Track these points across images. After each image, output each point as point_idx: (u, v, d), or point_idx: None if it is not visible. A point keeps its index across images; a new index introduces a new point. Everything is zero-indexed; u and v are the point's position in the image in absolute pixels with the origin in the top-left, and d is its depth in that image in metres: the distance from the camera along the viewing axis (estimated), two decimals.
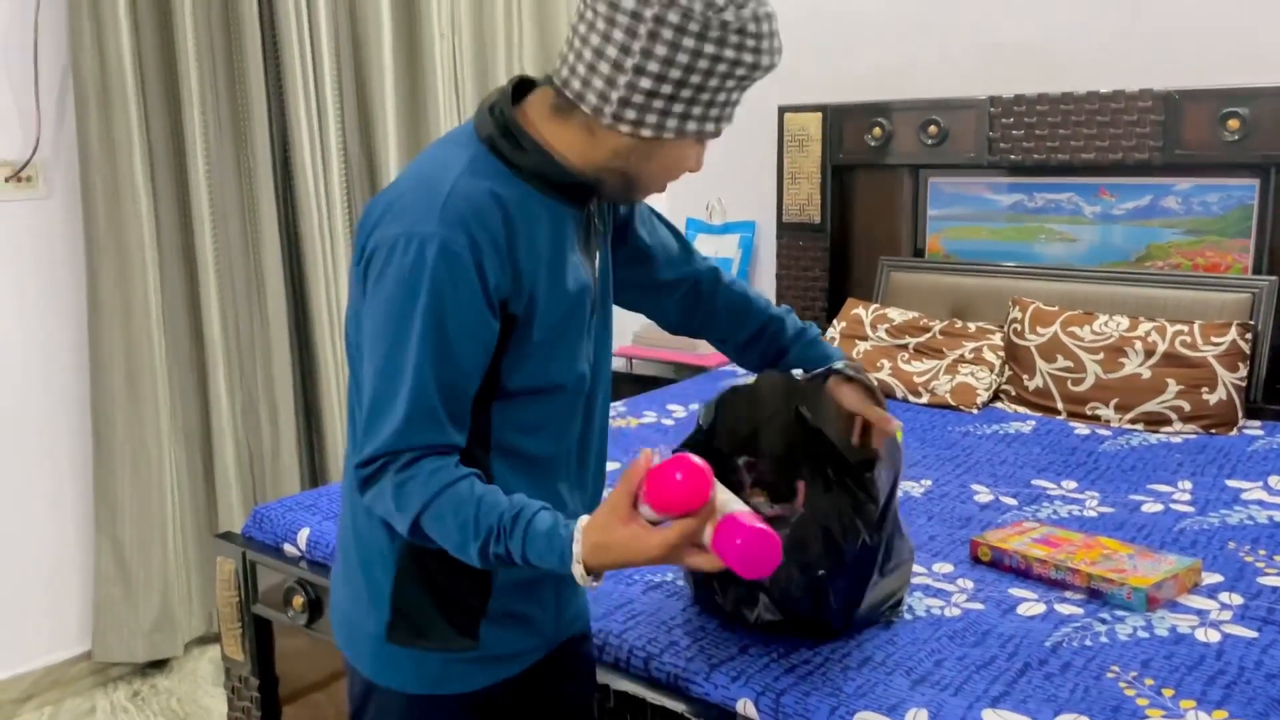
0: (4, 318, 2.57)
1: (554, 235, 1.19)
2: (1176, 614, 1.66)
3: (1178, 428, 2.67)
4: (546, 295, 1.18)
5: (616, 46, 1.09)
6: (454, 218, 1.10)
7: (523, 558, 1.10)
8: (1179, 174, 2.93)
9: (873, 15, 3.43)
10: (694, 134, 1.15)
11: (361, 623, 1.26)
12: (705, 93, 1.12)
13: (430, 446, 1.12)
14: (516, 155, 1.17)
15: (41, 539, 2.70)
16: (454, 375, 1.12)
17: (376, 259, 1.12)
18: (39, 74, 2.53)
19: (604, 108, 1.12)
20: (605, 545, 1.07)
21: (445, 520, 1.11)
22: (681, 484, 1.04)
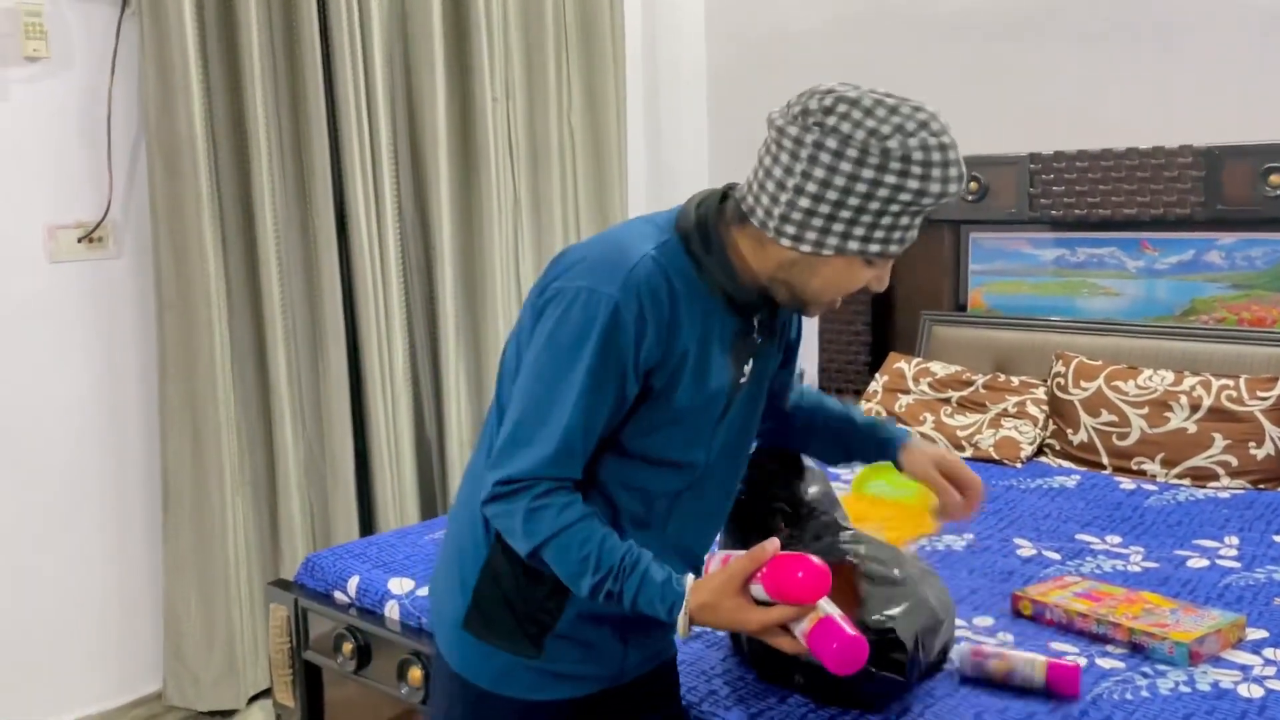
0: (75, 373, 2.69)
1: (706, 334, 1.28)
2: (1219, 669, 1.65)
3: (1225, 483, 2.64)
4: (688, 384, 1.27)
5: (782, 168, 1.21)
6: (633, 288, 1.21)
7: (633, 601, 1.21)
8: (1221, 229, 2.94)
9: (911, 75, 3.49)
10: (856, 253, 1.21)
11: (446, 606, 1.37)
12: (866, 215, 1.18)
13: (566, 479, 1.24)
14: (702, 254, 1.27)
15: (108, 588, 2.78)
16: (596, 422, 1.23)
17: (557, 301, 1.24)
18: (111, 139, 2.67)
19: (769, 221, 1.23)
20: (713, 607, 1.20)
21: (569, 551, 1.22)
22: (802, 581, 1.16)
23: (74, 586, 2.72)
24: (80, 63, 2.62)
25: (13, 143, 2.54)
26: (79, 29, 2.61)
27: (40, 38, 2.54)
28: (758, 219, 1.24)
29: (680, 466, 1.33)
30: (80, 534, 2.72)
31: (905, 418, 3.12)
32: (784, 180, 1.20)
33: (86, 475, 2.72)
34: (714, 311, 1.28)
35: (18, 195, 2.56)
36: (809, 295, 1.28)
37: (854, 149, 1.16)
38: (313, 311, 2.98)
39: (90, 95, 2.65)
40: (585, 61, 3.60)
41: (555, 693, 1.35)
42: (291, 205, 2.93)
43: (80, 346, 2.69)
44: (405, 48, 3.14)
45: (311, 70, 2.85)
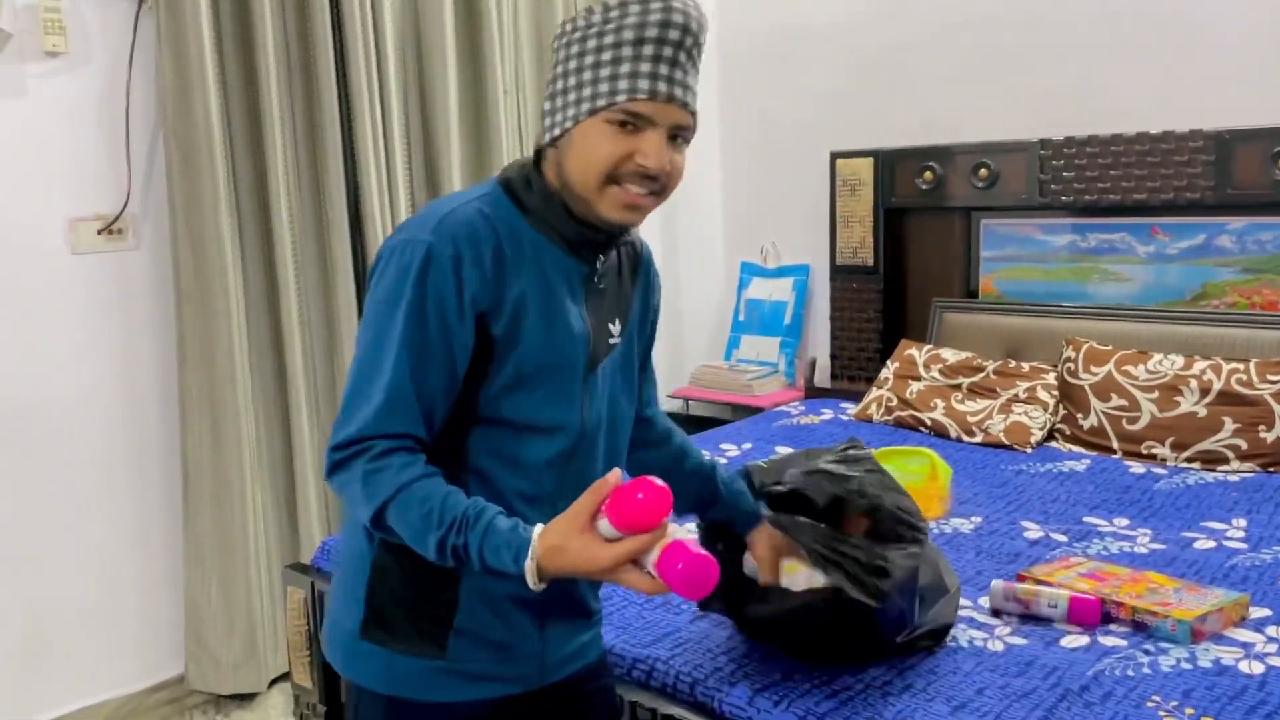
0: (95, 362, 2.74)
1: (551, 279, 1.26)
2: (1221, 646, 1.67)
3: (1235, 466, 2.65)
4: (535, 331, 1.24)
5: (548, 82, 1.27)
6: (446, 230, 1.20)
7: (479, 553, 1.14)
8: (1231, 213, 2.94)
9: (922, 62, 3.50)
10: (588, 113, 1.20)
11: (341, 619, 1.32)
12: (585, 73, 1.21)
13: (403, 435, 1.18)
14: (526, 196, 1.27)
15: (130, 574, 2.84)
16: (428, 372, 1.19)
17: (376, 266, 1.23)
18: (130, 134, 2.71)
19: (543, 136, 1.26)
20: (561, 549, 1.12)
21: (410, 510, 1.16)
22: (643, 503, 1.10)
23: (96, 573, 2.77)
24: (99, 58, 2.67)
25: (33, 137, 2.59)
26: (97, 24, 2.66)
27: (59, 33, 2.58)
28: (541, 142, 1.27)
29: (551, 431, 1.27)
30: (101, 521, 2.78)
31: (916, 404, 3.13)
32: (548, 89, 1.26)
33: (107, 463, 2.77)
34: (550, 254, 1.26)
35: (39, 188, 2.61)
36: (578, 185, 1.23)
37: (570, 23, 1.24)
38: (327, 300, 3.02)
39: (109, 89, 2.69)
40: None
41: (468, 693, 1.29)
42: (306, 196, 2.97)
43: (100, 336, 2.74)
44: (418, 40, 3.18)
45: (325, 63, 2.89)
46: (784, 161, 3.87)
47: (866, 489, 1.54)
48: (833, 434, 3.11)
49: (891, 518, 1.54)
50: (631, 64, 1.19)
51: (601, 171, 1.21)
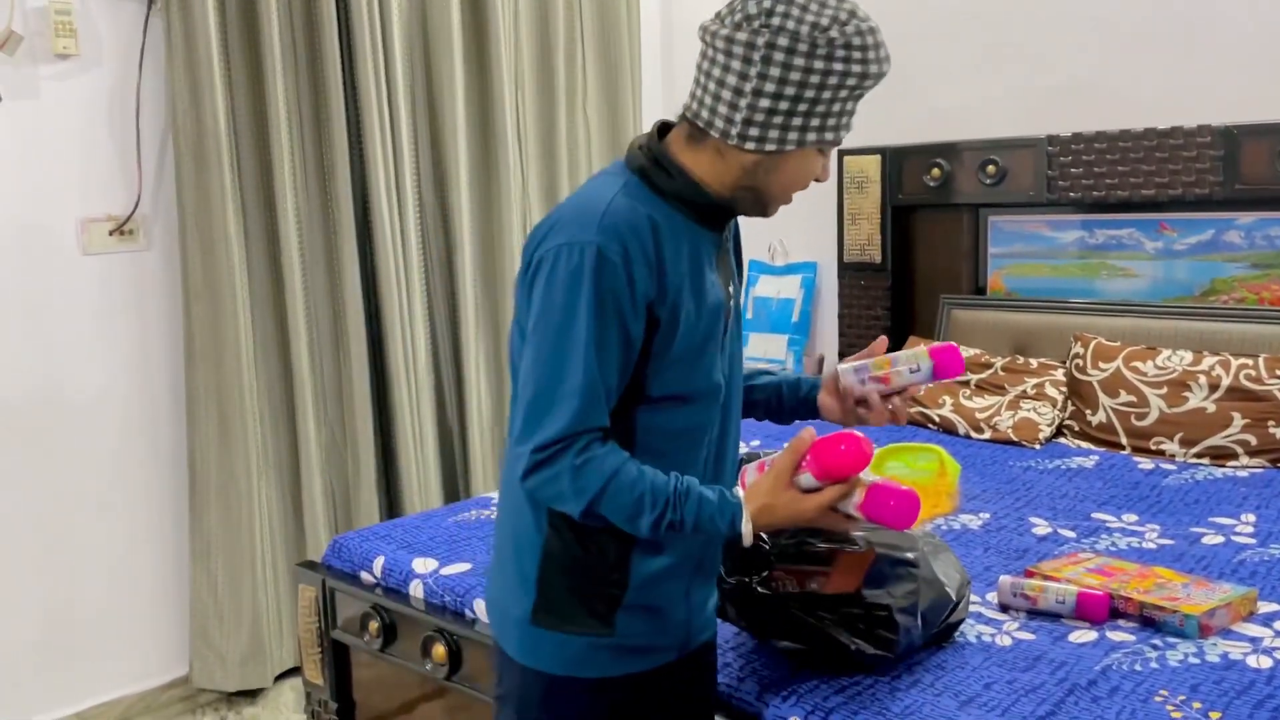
0: (108, 362, 2.76)
1: (694, 254, 1.31)
2: (1229, 641, 1.67)
3: (1244, 461, 2.65)
4: (690, 307, 1.29)
5: (735, 74, 1.24)
6: (610, 229, 1.24)
7: (695, 523, 1.25)
8: (1240, 208, 2.93)
9: (928, 58, 3.50)
10: (814, 144, 1.28)
11: (511, 607, 1.36)
12: (820, 105, 1.25)
13: (601, 429, 1.26)
14: (664, 181, 1.30)
15: (140, 572, 2.86)
16: (610, 366, 1.25)
17: (542, 268, 1.26)
18: (140, 136, 2.73)
19: (730, 130, 1.27)
20: (771, 506, 1.28)
21: (622, 494, 1.24)
22: (846, 453, 1.23)
23: (109, 570, 2.79)
24: (109, 60, 2.69)
25: (45, 138, 2.61)
26: (107, 26, 2.68)
27: (70, 36, 2.60)
28: (718, 130, 1.27)
29: (709, 395, 1.35)
30: (114, 519, 2.80)
31: (924, 401, 3.14)
32: (740, 86, 1.24)
33: (118, 461, 2.79)
34: (691, 232, 1.31)
35: (51, 190, 2.63)
36: (774, 194, 1.32)
37: (803, 44, 1.21)
38: (334, 301, 3.03)
39: (119, 91, 2.71)
40: (601, 52, 3.63)
41: (629, 667, 1.35)
42: (313, 196, 2.99)
43: (112, 336, 2.76)
44: (425, 41, 3.19)
45: (332, 64, 2.90)
46: None
47: (854, 535, 1.56)
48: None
49: (883, 560, 1.56)
50: (854, 103, 1.29)
51: (802, 188, 1.34)
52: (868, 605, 1.53)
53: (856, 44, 1.23)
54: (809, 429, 1.27)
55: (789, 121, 1.25)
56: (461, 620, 1.99)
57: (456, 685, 1.99)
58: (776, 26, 1.21)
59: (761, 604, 1.59)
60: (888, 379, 1.42)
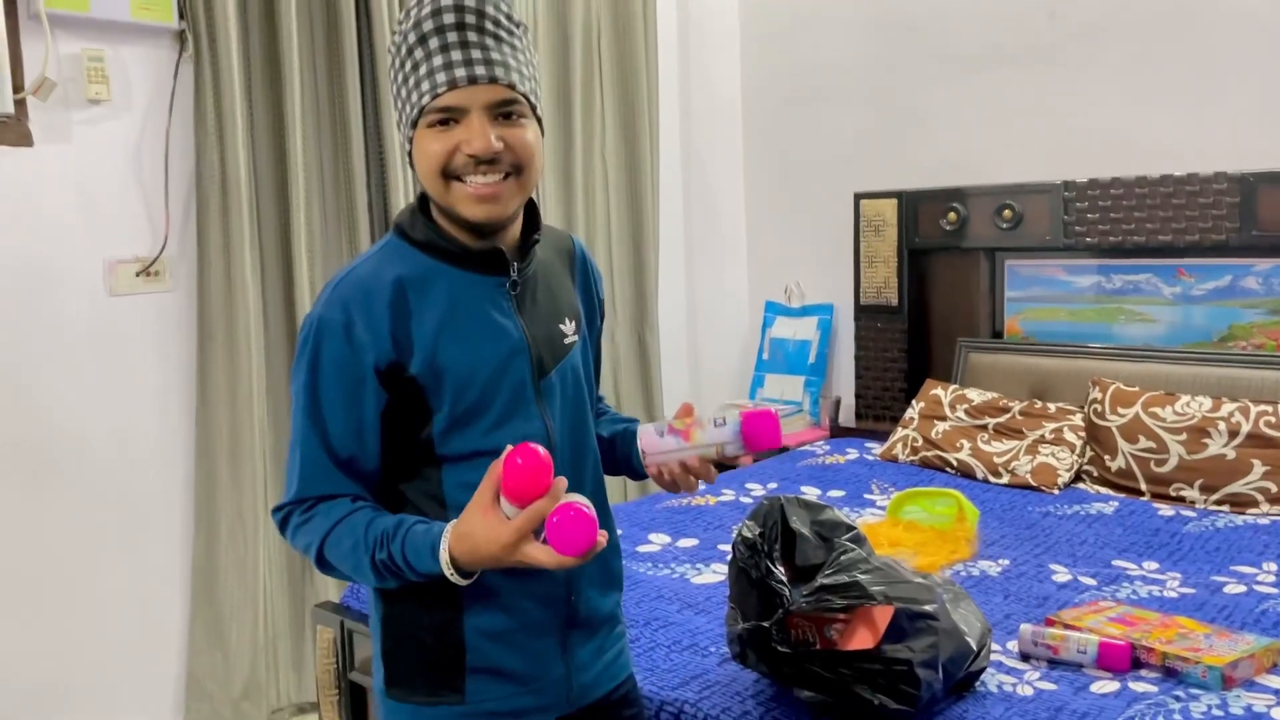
0: (129, 401, 2.78)
1: (464, 302, 1.25)
2: (1253, 693, 1.66)
3: (1265, 509, 2.63)
4: (456, 356, 1.23)
5: None
6: (336, 299, 1.23)
7: (404, 560, 1.17)
8: (1257, 255, 2.94)
9: (945, 104, 3.53)
10: (415, 121, 1.22)
11: (375, 679, 1.35)
12: (402, 88, 1.24)
13: (325, 496, 1.24)
14: (414, 233, 1.28)
15: (147, 607, 2.86)
16: (335, 436, 1.23)
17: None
18: (169, 179, 2.78)
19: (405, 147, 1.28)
20: (468, 534, 1.13)
21: (342, 542, 1.21)
22: (522, 468, 1.08)
23: (117, 606, 2.79)
24: (140, 104, 2.74)
25: (76, 181, 2.65)
26: (139, 72, 2.73)
27: (102, 81, 2.65)
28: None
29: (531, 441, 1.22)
30: (126, 556, 2.80)
31: (942, 444, 3.13)
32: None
33: (135, 500, 2.81)
34: (459, 278, 1.26)
35: (81, 232, 2.67)
36: (432, 196, 1.25)
37: (391, 46, 1.26)
38: None
39: (149, 135, 2.76)
40: (620, 95, 3.68)
41: None
42: (332, 241, 3.03)
43: (137, 377, 2.79)
44: None
45: (355, 113, 2.95)
46: (808, 202, 3.91)
47: (873, 590, 1.56)
48: (858, 473, 3.12)
49: (902, 614, 1.56)
50: (426, 63, 1.20)
51: (436, 172, 1.21)
52: (888, 660, 1.53)
53: (409, 9, 1.23)
54: (508, 448, 1.11)
55: (401, 116, 1.26)
56: None
57: None
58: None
59: (780, 652, 1.59)
60: (687, 433, 1.28)
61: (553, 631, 1.31)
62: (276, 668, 2.96)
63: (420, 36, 1.20)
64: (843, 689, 1.55)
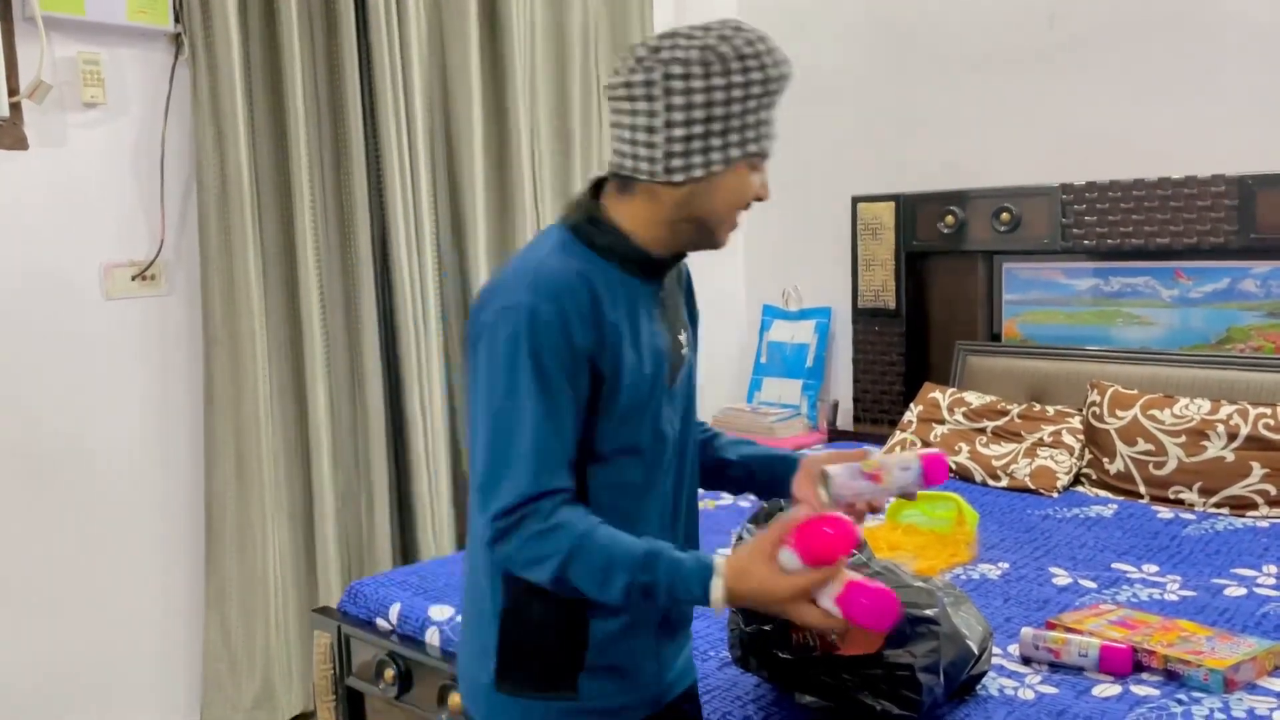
0: (129, 407, 2.77)
1: (631, 306, 1.31)
2: (1255, 696, 1.65)
3: (1264, 512, 2.63)
4: (632, 359, 1.29)
5: (644, 114, 1.27)
6: (543, 289, 1.24)
7: (668, 588, 1.20)
8: (1255, 257, 2.94)
9: (943, 106, 3.53)
10: (740, 159, 1.29)
11: (478, 674, 1.35)
12: (733, 119, 1.27)
13: (559, 490, 1.23)
14: (596, 236, 1.32)
15: (155, 616, 2.85)
16: (563, 426, 1.24)
17: (482, 339, 1.26)
18: (165, 183, 2.77)
19: (655, 168, 1.28)
20: (747, 572, 1.19)
21: (592, 558, 1.21)
22: (830, 538, 1.16)
23: (126, 614, 2.79)
24: (136, 108, 2.73)
25: (72, 185, 2.64)
26: (134, 75, 2.72)
27: (98, 85, 2.64)
28: (644, 173, 1.29)
29: (658, 448, 1.34)
30: (131, 563, 2.79)
31: (941, 447, 3.13)
32: (651, 124, 1.26)
33: (138, 506, 2.80)
34: (627, 284, 1.31)
35: (77, 235, 2.66)
36: (716, 219, 1.32)
37: (697, 66, 1.24)
38: (352, 348, 3.05)
39: (145, 139, 2.75)
40: None
41: None
42: (333, 245, 3.02)
43: (133, 381, 2.78)
44: (445, 92, 3.23)
45: (354, 112, 2.94)
46: (805, 205, 3.90)
47: None
48: None
49: (904, 619, 1.55)
50: (769, 111, 1.30)
51: (743, 207, 1.34)
52: (889, 665, 1.52)
53: (749, 53, 1.25)
54: (802, 505, 1.23)
55: (708, 144, 1.27)
56: None
57: None
58: (668, 58, 1.24)
59: (781, 658, 1.58)
60: (878, 476, 1.38)
61: (650, 633, 1.36)
62: (291, 676, 2.94)
63: (770, 88, 1.28)
64: (844, 695, 1.54)
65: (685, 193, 1.29)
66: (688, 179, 1.28)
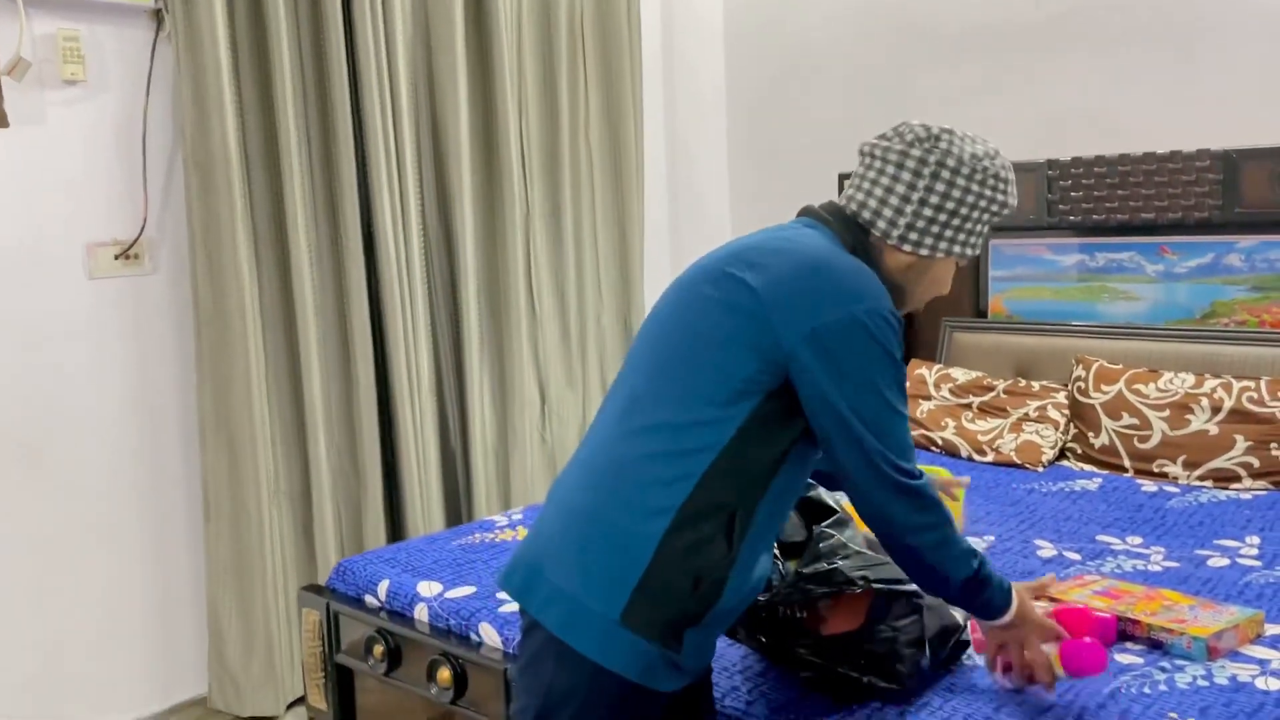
0: (113, 387, 2.76)
1: None
2: (1237, 663, 1.67)
3: (1247, 484, 2.65)
4: None
5: (905, 184, 1.45)
6: (886, 299, 1.40)
7: (988, 594, 1.45)
8: (1240, 231, 2.95)
9: (929, 83, 3.53)
10: (958, 255, 1.49)
11: (592, 603, 1.34)
12: (969, 222, 1.47)
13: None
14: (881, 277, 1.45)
15: (150, 598, 2.85)
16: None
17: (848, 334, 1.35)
18: (147, 159, 2.75)
19: (893, 231, 1.46)
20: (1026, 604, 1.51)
21: (957, 542, 1.42)
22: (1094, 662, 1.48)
23: (115, 594, 2.78)
24: (116, 85, 2.71)
25: (53, 164, 2.62)
26: (115, 52, 2.70)
27: (78, 61, 2.62)
28: (880, 230, 1.46)
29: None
30: (119, 543, 2.79)
31: (927, 424, 3.14)
32: (908, 195, 1.45)
33: (124, 486, 2.79)
34: None
35: (57, 214, 2.64)
36: (917, 295, 1.52)
37: (966, 167, 1.44)
38: (342, 325, 3.04)
39: (126, 116, 2.73)
40: (603, 76, 3.65)
41: (678, 683, 1.38)
42: (322, 221, 3.00)
43: (117, 361, 2.77)
44: (429, 66, 3.21)
45: (340, 85, 2.91)
46: (791, 183, 3.90)
47: (854, 575, 1.56)
48: None
49: (883, 595, 1.57)
50: (987, 227, 1.51)
51: (939, 294, 1.54)
52: (874, 640, 1.54)
53: (1004, 176, 1.47)
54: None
55: (943, 232, 1.46)
56: (467, 644, 1.98)
57: (462, 709, 1.98)
58: (944, 149, 1.44)
59: (770, 630, 1.59)
60: None
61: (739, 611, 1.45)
62: (294, 656, 2.94)
63: (1000, 212, 1.49)
64: (830, 671, 1.56)
65: (907, 263, 1.47)
66: (914, 252, 1.46)
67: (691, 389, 1.36)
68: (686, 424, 1.35)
